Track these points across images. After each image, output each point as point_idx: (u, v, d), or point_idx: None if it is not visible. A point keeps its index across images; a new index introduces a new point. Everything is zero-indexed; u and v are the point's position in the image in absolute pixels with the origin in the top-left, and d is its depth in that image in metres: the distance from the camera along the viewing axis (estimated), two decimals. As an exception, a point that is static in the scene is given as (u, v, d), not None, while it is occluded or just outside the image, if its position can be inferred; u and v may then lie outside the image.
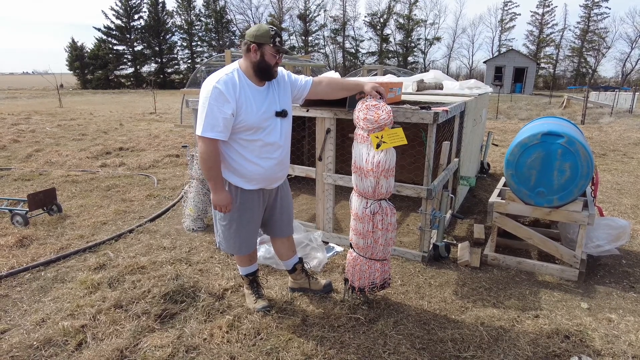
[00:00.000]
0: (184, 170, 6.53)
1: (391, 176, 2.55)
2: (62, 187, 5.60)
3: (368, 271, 2.68)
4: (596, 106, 17.90)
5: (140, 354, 2.31)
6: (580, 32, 45.62)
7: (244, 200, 2.48)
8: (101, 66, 43.12)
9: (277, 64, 2.34)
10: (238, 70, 2.29)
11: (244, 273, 2.79)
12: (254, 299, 2.75)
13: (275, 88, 2.43)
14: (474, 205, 5.02)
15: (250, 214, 2.53)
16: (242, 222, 2.53)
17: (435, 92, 5.03)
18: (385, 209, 2.59)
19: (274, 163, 2.44)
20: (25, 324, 2.58)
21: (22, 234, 3.87)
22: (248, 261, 2.75)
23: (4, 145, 8.51)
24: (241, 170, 2.39)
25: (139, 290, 2.89)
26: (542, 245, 3.35)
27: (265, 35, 2.24)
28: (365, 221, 2.58)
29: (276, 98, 2.40)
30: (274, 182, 2.56)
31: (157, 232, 4.09)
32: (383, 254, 2.68)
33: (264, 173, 2.43)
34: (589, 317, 2.72)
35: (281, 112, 2.40)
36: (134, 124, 12.58)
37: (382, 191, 2.54)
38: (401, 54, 49.67)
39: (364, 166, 2.50)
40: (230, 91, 2.20)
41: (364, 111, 2.48)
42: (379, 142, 2.43)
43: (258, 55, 2.26)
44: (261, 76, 2.33)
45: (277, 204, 2.69)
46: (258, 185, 2.47)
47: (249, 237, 2.61)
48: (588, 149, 3.05)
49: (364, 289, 2.74)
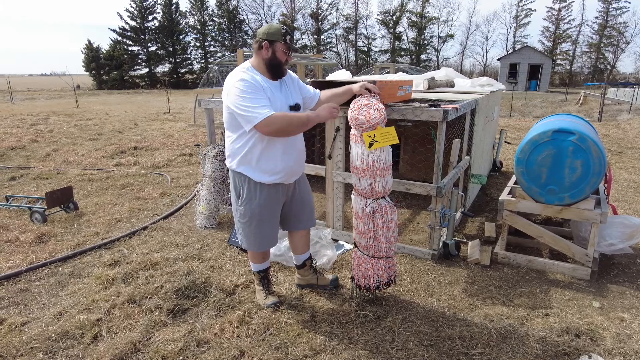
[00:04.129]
0: (197, 169, 6.62)
1: (388, 174, 2.55)
2: (79, 185, 5.73)
3: (372, 269, 2.70)
4: (614, 103, 17.53)
5: (153, 348, 2.37)
6: (599, 27, 44.69)
7: (263, 195, 2.53)
8: (116, 67, 43.81)
9: (287, 62, 2.45)
10: (251, 68, 2.42)
11: (256, 269, 2.83)
12: (264, 295, 2.80)
13: (287, 85, 2.54)
14: (485, 204, 4.98)
15: (269, 210, 2.58)
16: (263, 219, 2.58)
17: (446, 89, 5.01)
18: (384, 207, 2.59)
19: (291, 157, 2.52)
20: (44, 317, 2.67)
21: (40, 231, 3.98)
22: (261, 258, 2.79)
23: (24, 145, 8.74)
24: (261, 164, 2.45)
25: (152, 286, 2.96)
26: (553, 243, 3.32)
27: (277, 32, 2.36)
28: (365, 220, 2.59)
29: (289, 94, 2.51)
30: (292, 175, 2.60)
31: (170, 229, 4.17)
32: (386, 252, 2.68)
33: (283, 166, 2.49)
34: (600, 316, 2.69)
35: (294, 106, 2.51)
36: (148, 123, 12.78)
37: (380, 190, 2.54)
38: (414, 52, 49.31)
39: (360, 166, 2.51)
40: (257, 80, 2.33)
41: (356, 111, 2.46)
42: (372, 141, 2.42)
43: (270, 52, 2.37)
44: (272, 73, 2.43)
45: (295, 197, 2.73)
46: (277, 179, 2.52)
47: (269, 233, 2.66)
48: (600, 146, 3.01)
49: (370, 287, 2.75)
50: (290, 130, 2.34)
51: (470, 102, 3.85)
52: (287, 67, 2.50)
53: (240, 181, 2.55)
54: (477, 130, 4.42)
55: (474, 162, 4.48)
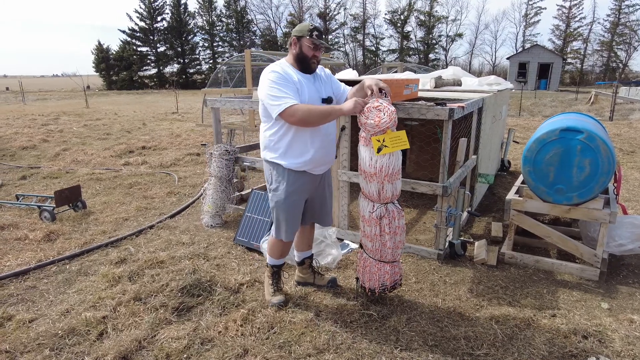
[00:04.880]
0: (204, 168, 6.66)
1: (397, 179, 2.48)
2: (87, 184, 5.79)
3: (377, 273, 2.65)
4: (626, 102, 17.26)
5: (158, 345, 2.38)
6: (610, 25, 44.06)
7: (290, 181, 2.57)
8: (125, 67, 44.26)
9: (315, 57, 2.51)
10: (284, 62, 2.54)
11: (271, 263, 2.83)
12: (272, 291, 2.81)
13: (321, 79, 2.63)
14: (492, 203, 4.94)
15: (295, 198, 2.61)
16: (290, 205, 2.62)
17: (454, 88, 4.97)
18: (392, 212, 2.53)
19: (320, 146, 2.55)
20: (51, 314, 2.70)
21: (49, 229, 4.03)
22: (280, 253, 2.80)
23: (34, 145, 8.86)
24: (290, 151, 2.51)
25: (157, 284, 2.98)
26: (561, 243, 3.27)
27: (304, 29, 2.49)
28: (372, 224, 2.54)
29: (321, 87, 2.59)
30: (320, 164, 2.63)
31: (177, 228, 4.20)
32: (392, 257, 2.63)
33: (312, 154, 2.53)
34: (609, 317, 2.65)
35: (327, 99, 2.58)
36: (156, 123, 12.88)
37: (388, 195, 2.49)
38: (422, 51, 49.08)
39: (368, 170, 2.45)
40: (288, 73, 2.44)
41: (365, 114, 2.37)
42: (380, 145, 2.33)
43: (297, 47, 2.49)
44: (301, 67, 2.52)
45: (319, 192, 2.76)
46: (306, 167, 2.55)
47: (294, 222, 2.68)
48: (609, 144, 2.97)
49: (375, 290, 2.71)
50: (312, 120, 2.38)
51: (477, 100, 3.81)
52: (315, 62, 2.53)
53: (270, 169, 2.63)
54: (485, 129, 4.39)
55: (481, 162, 4.44)
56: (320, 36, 2.50)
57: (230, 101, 4.37)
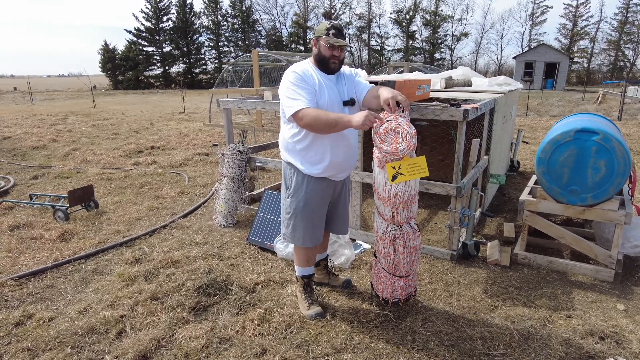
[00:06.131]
0: (214, 168, 6.69)
1: (413, 204, 2.37)
2: (98, 184, 5.84)
3: (391, 287, 2.60)
4: (634, 101, 17.13)
5: (176, 344, 2.41)
6: (618, 23, 43.70)
7: (309, 188, 2.52)
8: (131, 67, 44.48)
9: (334, 57, 2.43)
10: (308, 63, 2.52)
11: (300, 274, 2.76)
12: (307, 305, 2.69)
13: (344, 80, 2.56)
14: (503, 204, 4.93)
15: (316, 204, 2.56)
16: (308, 212, 2.56)
17: (464, 89, 4.97)
18: (407, 234, 2.44)
19: (340, 151, 2.49)
20: (70, 313, 2.73)
21: (63, 229, 4.07)
22: (305, 261, 2.72)
23: (44, 145, 8.94)
24: (309, 156, 2.47)
25: (173, 284, 3.01)
26: (575, 244, 3.27)
27: (322, 28, 2.44)
28: (385, 243, 2.48)
29: (344, 89, 2.52)
30: (340, 171, 2.57)
31: (190, 227, 4.23)
32: (407, 272, 2.58)
33: (330, 160, 2.46)
34: (625, 318, 2.64)
35: (348, 100, 2.51)
36: (164, 123, 12.94)
37: (402, 219, 2.41)
38: (427, 51, 48.96)
39: (381, 193, 2.33)
40: (307, 74, 2.42)
41: (381, 135, 2.14)
42: (396, 173, 2.13)
43: (317, 47, 2.47)
44: (322, 68, 2.48)
45: (340, 199, 2.72)
46: (325, 173, 2.50)
47: (314, 229, 2.61)
48: (625, 145, 2.96)
49: (388, 301, 2.67)
50: (317, 127, 2.29)
51: (489, 101, 3.81)
52: (336, 62, 2.45)
53: (289, 172, 2.57)
54: (496, 130, 4.38)
55: (493, 162, 4.43)
56: (338, 34, 2.39)
57: (243, 102, 4.39)
